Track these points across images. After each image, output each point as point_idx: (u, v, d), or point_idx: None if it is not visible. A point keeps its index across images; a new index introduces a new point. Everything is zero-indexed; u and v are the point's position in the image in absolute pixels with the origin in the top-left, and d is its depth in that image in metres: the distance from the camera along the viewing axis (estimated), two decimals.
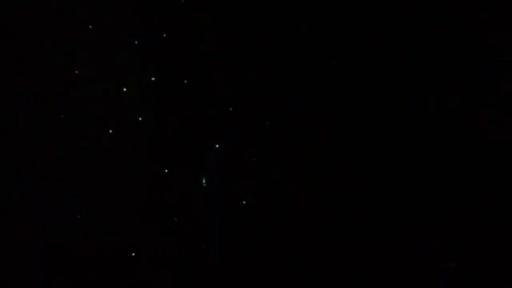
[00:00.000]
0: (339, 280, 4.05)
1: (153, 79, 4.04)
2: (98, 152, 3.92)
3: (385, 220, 4.17)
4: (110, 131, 3.95)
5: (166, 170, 4.02)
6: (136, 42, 4.03)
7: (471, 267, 3.87)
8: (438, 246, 4.00)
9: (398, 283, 4.01)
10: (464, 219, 4.10)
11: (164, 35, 4.07)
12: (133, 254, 3.91)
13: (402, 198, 4.20)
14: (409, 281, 3.99)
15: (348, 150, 4.26)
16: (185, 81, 4.11)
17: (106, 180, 3.91)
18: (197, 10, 4.12)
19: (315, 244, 4.10)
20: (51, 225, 3.76)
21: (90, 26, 3.92)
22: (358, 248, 4.10)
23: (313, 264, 4.06)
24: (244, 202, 4.12)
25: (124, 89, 3.98)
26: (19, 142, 3.75)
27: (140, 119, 4.00)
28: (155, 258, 3.94)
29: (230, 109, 4.16)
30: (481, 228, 4.05)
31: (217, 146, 4.13)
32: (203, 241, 4.03)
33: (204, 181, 4.05)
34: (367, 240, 4.12)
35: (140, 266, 3.91)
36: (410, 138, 4.26)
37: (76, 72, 3.88)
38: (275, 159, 4.21)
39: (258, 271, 4.04)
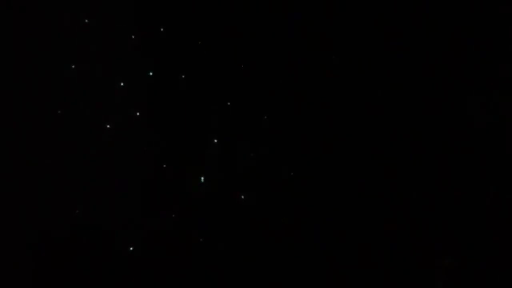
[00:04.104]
0: (337, 277, 4.07)
1: (150, 73, 4.02)
2: (94, 147, 3.90)
3: (383, 217, 4.18)
4: (108, 126, 3.93)
5: (164, 165, 4.02)
6: (133, 37, 4.00)
7: (467, 263, 3.90)
8: (434, 242, 4.02)
9: (396, 280, 4.03)
10: (460, 215, 4.13)
11: (162, 29, 4.05)
12: (131, 249, 3.91)
13: (399, 195, 4.21)
14: (406, 278, 4.01)
15: (346, 147, 4.27)
16: (183, 76, 4.09)
17: (103, 175, 3.89)
18: (194, 4, 4.09)
19: (313, 239, 4.11)
20: (48, 220, 3.76)
21: (86, 21, 3.89)
22: (355, 245, 4.12)
23: (310, 261, 4.07)
24: (242, 197, 4.12)
25: (121, 84, 3.96)
26: (16, 137, 3.74)
27: (137, 114, 3.99)
28: (152, 254, 3.94)
29: (228, 103, 4.15)
30: (477, 225, 4.08)
31: (215, 141, 4.13)
32: (200, 237, 4.03)
33: (202, 177, 4.05)
34: (364, 236, 4.14)
35: (136, 262, 3.90)
36: (407, 136, 4.27)
37: (73, 66, 3.86)
38: (273, 154, 4.21)
39: (256, 269, 4.06)
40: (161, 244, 3.96)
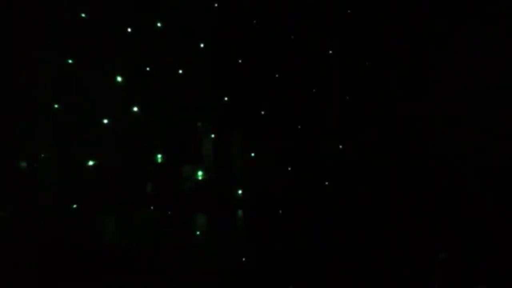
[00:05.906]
0: (334, 273, 4.10)
1: (147, 69, 4.01)
2: (92, 143, 3.89)
3: (381, 213, 4.21)
4: (105, 121, 3.91)
5: (160, 162, 4.02)
6: (129, 30, 3.97)
7: (463, 257, 3.94)
8: (431, 238, 4.06)
9: (394, 276, 4.07)
10: (456, 212, 4.17)
11: (158, 24, 4.03)
12: (126, 247, 3.91)
13: (396, 192, 4.24)
14: (404, 273, 4.05)
15: (344, 143, 4.29)
16: (180, 71, 4.08)
17: (101, 171, 3.89)
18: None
19: (313, 238, 4.13)
20: (46, 216, 3.75)
21: (83, 15, 3.86)
22: (352, 240, 4.14)
23: (310, 259, 4.09)
24: (239, 192, 4.14)
25: (119, 79, 3.94)
26: (13, 133, 3.71)
27: (135, 109, 3.97)
28: (149, 251, 3.95)
29: (226, 98, 4.15)
30: (473, 220, 4.13)
31: (212, 136, 4.14)
32: (196, 232, 4.05)
33: (200, 173, 4.06)
34: (362, 231, 4.17)
35: (132, 258, 3.91)
36: (405, 135, 4.29)
37: (70, 62, 3.83)
38: (270, 149, 4.22)
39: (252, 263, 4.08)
40: (155, 241, 3.97)
